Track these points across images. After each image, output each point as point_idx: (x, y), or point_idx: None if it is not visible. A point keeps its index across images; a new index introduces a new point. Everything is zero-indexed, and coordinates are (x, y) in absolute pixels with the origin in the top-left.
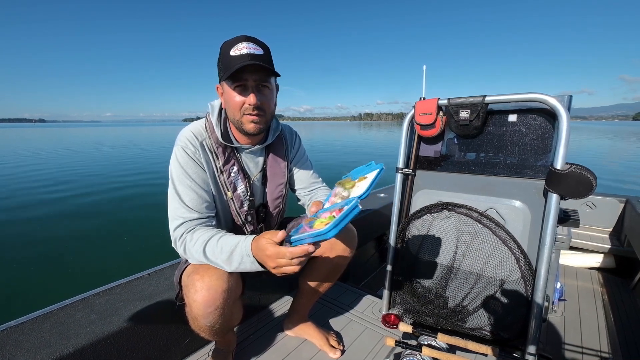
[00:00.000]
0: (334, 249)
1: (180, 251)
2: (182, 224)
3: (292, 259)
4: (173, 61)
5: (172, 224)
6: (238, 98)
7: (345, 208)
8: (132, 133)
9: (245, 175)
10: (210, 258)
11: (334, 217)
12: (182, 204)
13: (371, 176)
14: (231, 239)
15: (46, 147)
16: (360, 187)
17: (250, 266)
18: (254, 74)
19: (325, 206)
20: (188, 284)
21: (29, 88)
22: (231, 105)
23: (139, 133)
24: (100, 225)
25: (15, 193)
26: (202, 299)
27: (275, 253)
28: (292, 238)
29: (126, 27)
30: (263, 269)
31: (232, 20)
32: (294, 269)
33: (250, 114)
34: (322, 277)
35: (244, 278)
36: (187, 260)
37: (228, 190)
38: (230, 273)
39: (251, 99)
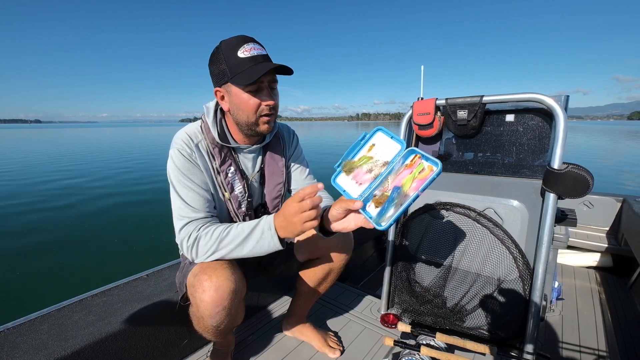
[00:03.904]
0: (332, 250)
1: (190, 252)
2: (190, 222)
3: (303, 199)
4: (170, 61)
5: (179, 223)
6: (253, 100)
7: (433, 170)
8: (129, 134)
9: (243, 176)
10: (226, 244)
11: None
12: (186, 204)
13: (385, 136)
14: (253, 220)
15: (42, 148)
16: (381, 151)
17: (269, 242)
18: (268, 76)
19: (361, 190)
20: (195, 283)
21: (25, 88)
22: (244, 108)
23: (136, 134)
24: (98, 226)
25: (12, 194)
26: (210, 299)
27: (291, 200)
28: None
29: (123, 26)
30: (280, 247)
31: (229, 19)
32: (313, 207)
33: (266, 115)
34: (320, 279)
35: (246, 278)
36: (190, 262)
37: (225, 191)
38: (236, 274)
39: (270, 101)
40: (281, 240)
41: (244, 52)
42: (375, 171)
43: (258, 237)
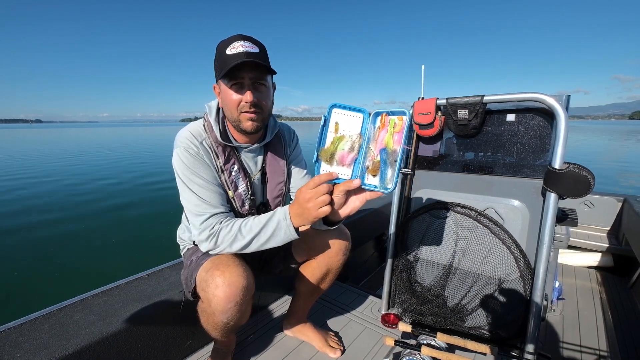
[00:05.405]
0: (329, 251)
1: (209, 241)
2: (212, 216)
3: (319, 185)
4: (170, 61)
5: (198, 219)
6: (235, 96)
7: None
8: (130, 134)
9: (246, 174)
10: (244, 235)
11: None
12: (202, 200)
13: (342, 111)
14: (269, 212)
15: (42, 148)
16: (348, 127)
17: (285, 231)
18: (250, 72)
19: (350, 169)
20: (207, 279)
21: (26, 88)
22: (228, 104)
23: (136, 133)
24: (99, 225)
25: (12, 195)
26: (223, 294)
27: (305, 187)
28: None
29: (124, 26)
30: (296, 237)
31: (229, 19)
32: (325, 191)
33: (247, 112)
34: (318, 278)
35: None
36: (196, 259)
37: (229, 190)
38: (247, 271)
39: (248, 96)
40: (296, 229)
41: (231, 49)
42: (357, 146)
43: (274, 227)
